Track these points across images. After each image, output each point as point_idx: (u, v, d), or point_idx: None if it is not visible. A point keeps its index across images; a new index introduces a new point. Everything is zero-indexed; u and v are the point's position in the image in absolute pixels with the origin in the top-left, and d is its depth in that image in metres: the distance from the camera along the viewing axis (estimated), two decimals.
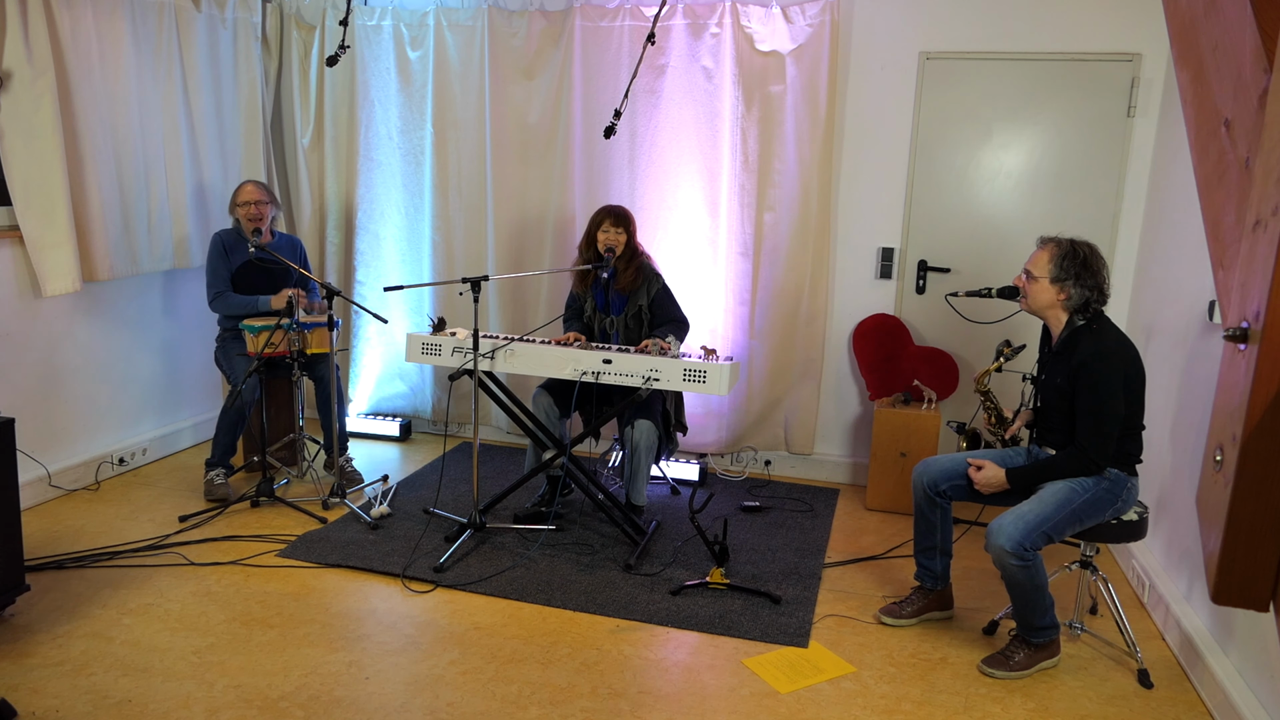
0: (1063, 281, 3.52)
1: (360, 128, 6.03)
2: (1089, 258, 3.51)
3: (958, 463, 3.86)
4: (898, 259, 5.45)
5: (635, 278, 4.85)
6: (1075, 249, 3.53)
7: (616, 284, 4.86)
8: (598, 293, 4.93)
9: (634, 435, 4.62)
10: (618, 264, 4.84)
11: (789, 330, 5.55)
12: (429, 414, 6.40)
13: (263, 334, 4.88)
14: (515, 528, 4.76)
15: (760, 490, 5.57)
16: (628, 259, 4.86)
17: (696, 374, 4.23)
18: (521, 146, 5.78)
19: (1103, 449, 3.48)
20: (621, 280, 4.84)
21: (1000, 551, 3.44)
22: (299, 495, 5.11)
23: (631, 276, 4.84)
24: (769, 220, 5.46)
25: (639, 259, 4.90)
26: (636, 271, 4.85)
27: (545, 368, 4.43)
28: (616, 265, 4.85)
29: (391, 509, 4.95)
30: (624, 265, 4.85)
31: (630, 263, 4.86)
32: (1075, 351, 3.52)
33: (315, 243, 6.20)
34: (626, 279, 4.84)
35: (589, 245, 4.90)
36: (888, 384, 5.44)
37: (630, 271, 4.84)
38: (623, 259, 4.85)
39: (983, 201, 5.29)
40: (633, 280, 4.84)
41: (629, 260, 4.86)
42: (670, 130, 5.51)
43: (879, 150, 5.38)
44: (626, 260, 4.85)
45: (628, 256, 4.86)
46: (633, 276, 4.84)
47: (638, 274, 4.85)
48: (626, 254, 4.86)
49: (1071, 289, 3.52)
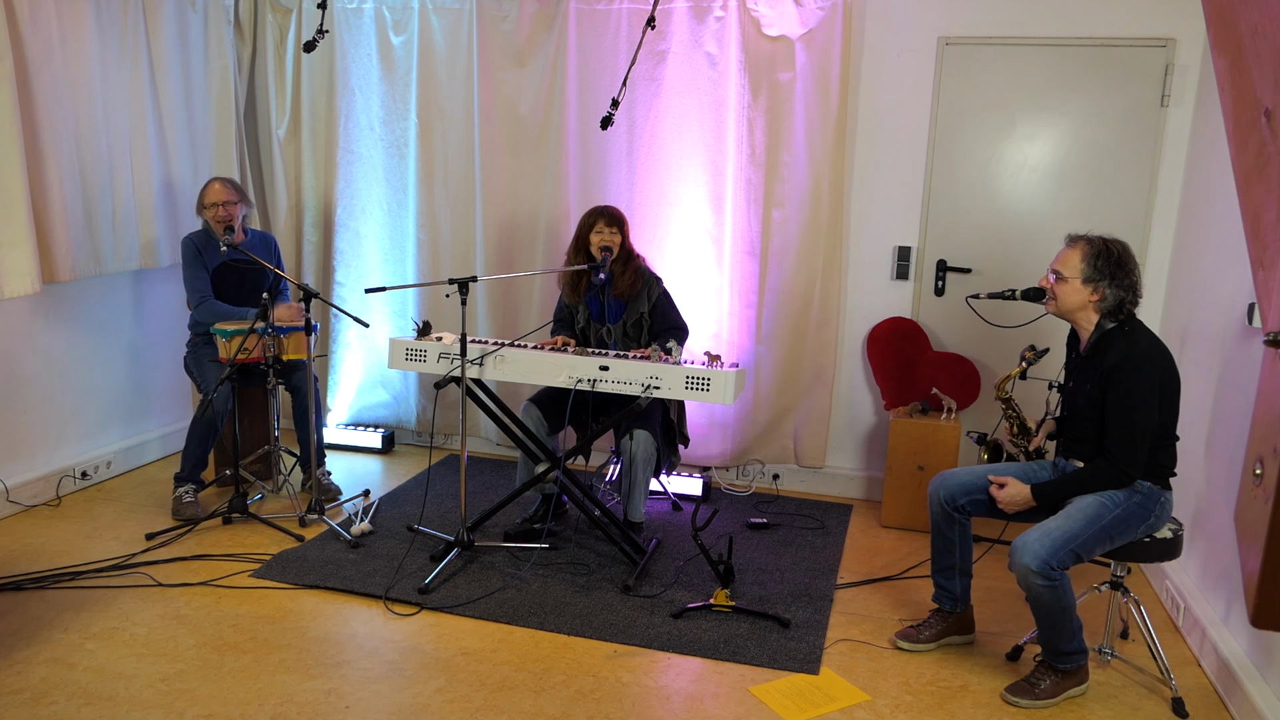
0: (1096, 282, 3.53)
1: (340, 118, 6.04)
2: (1122, 256, 3.52)
3: (978, 476, 3.86)
4: (915, 259, 5.47)
5: (634, 281, 4.85)
6: (1108, 247, 3.53)
7: (614, 289, 4.86)
8: (592, 300, 4.93)
9: (631, 447, 4.63)
10: (614, 267, 4.85)
11: (798, 335, 5.56)
12: (413, 424, 6.41)
13: (235, 339, 4.89)
14: (506, 546, 4.76)
15: (768, 506, 5.58)
16: (624, 261, 4.86)
17: (700, 382, 4.24)
18: (512, 138, 5.79)
19: (1134, 460, 3.49)
20: (620, 285, 4.85)
21: (1025, 571, 3.44)
22: (274, 511, 5.11)
23: (630, 280, 4.84)
24: (777, 217, 5.47)
25: (635, 261, 4.91)
26: (635, 275, 4.86)
27: (538, 375, 4.43)
28: (613, 269, 4.85)
29: (373, 526, 4.95)
30: (621, 268, 4.85)
31: (627, 265, 4.86)
32: (1106, 356, 3.52)
33: (292, 241, 6.21)
34: (625, 283, 4.84)
35: (579, 250, 4.90)
36: (904, 392, 5.45)
37: (629, 275, 4.84)
38: (619, 261, 4.85)
39: (1006, 197, 5.30)
40: (632, 284, 4.85)
41: (625, 263, 4.87)
42: (671, 121, 5.52)
43: (895, 142, 5.39)
44: (623, 263, 4.86)
45: (624, 259, 4.87)
46: (631, 280, 4.84)
47: (636, 277, 4.86)
48: (622, 256, 4.86)
49: (1106, 290, 3.52)
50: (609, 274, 4.85)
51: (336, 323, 6.31)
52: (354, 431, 6.34)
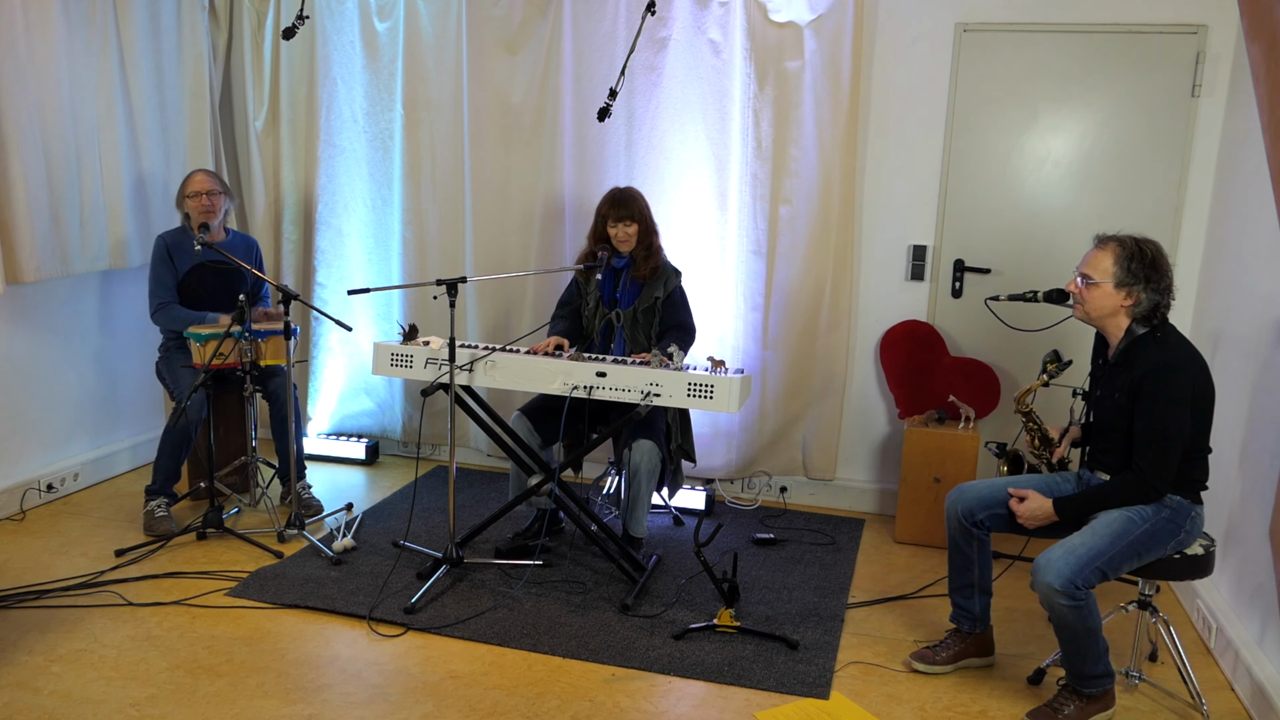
0: (1130, 286, 3.52)
1: (321, 109, 6.06)
2: (1156, 257, 3.52)
3: (997, 489, 3.87)
4: (931, 258, 5.49)
5: (656, 269, 4.91)
6: (1141, 248, 3.52)
7: (634, 271, 4.91)
8: (605, 282, 4.97)
9: (633, 458, 4.64)
10: (636, 253, 4.90)
11: (807, 339, 5.58)
12: (399, 434, 6.43)
13: (210, 343, 4.90)
14: (497, 563, 4.78)
15: (775, 521, 5.59)
16: (647, 246, 4.91)
17: (703, 389, 4.25)
18: (504, 130, 5.82)
19: (1163, 475, 3.50)
20: (641, 269, 4.90)
21: (1048, 590, 3.45)
22: (251, 526, 5.12)
23: (653, 265, 4.90)
24: (785, 214, 5.49)
25: (659, 251, 4.97)
26: (658, 262, 4.92)
27: (531, 381, 4.45)
28: (635, 254, 4.90)
29: (356, 542, 4.97)
30: (643, 254, 4.90)
31: (651, 252, 4.92)
32: (1137, 364, 3.53)
33: (270, 240, 6.23)
34: (647, 268, 4.89)
35: (598, 238, 4.96)
36: (919, 400, 5.46)
37: (652, 261, 4.91)
38: (641, 247, 4.90)
39: (1027, 193, 5.32)
40: (653, 270, 4.90)
41: (649, 248, 4.91)
42: (673, 112, 5.54)
43: (910, 135, 5.41)
44: (646, 248, 4.91)
45: (647, 244, 4.91)
46: (654, 265, 4.90)
47: (658, 266, 4.92)
48: (646, 240, 4.91)
49: (1141, 294, 3.52)
50: (630, 258, 4.90)
51: (317, 326, 6.32)
52: (336, 442, 6.36)
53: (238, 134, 6.29)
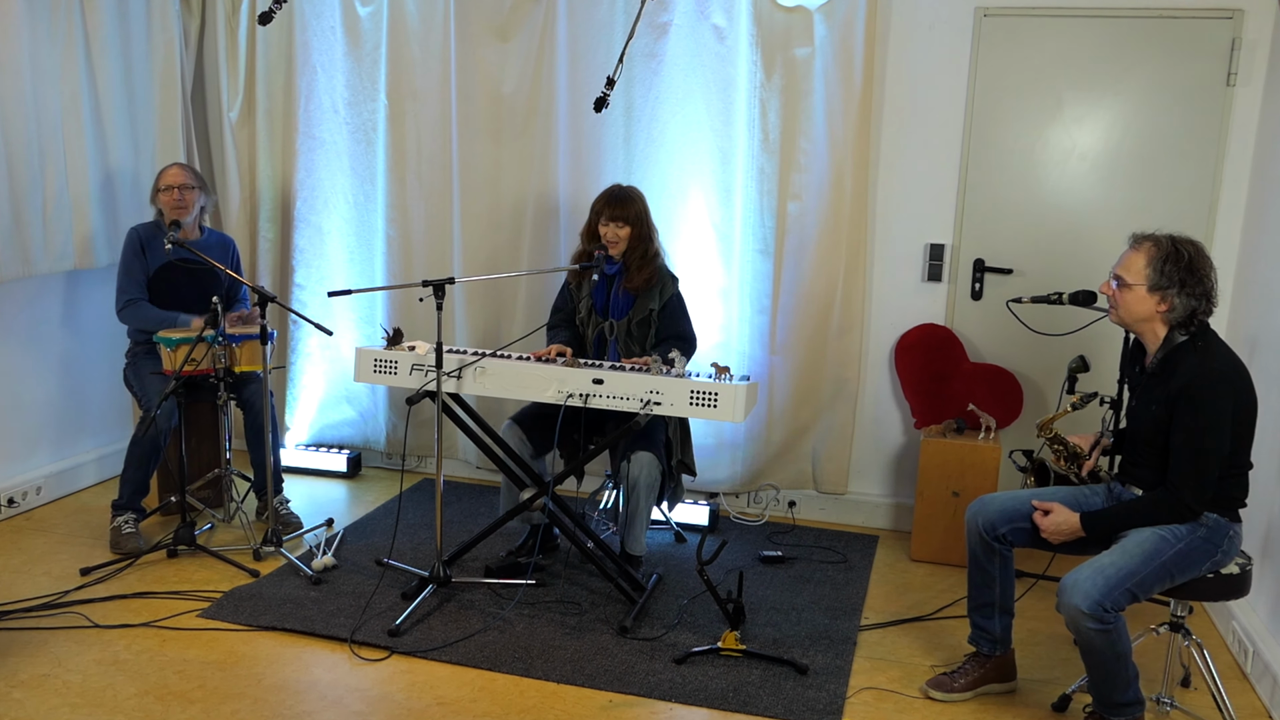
0: (1164, 290, 3.52)
1: (299, 99, 6.08)
2: (1195, 259, 3.50)
3: (1021, 502, 3.88)
4: (949, 258, 5.51)
5: (651, 276, 4.90)
6: (1178, 249, 3.51)
7: (627, 281, 4.91)
8: (597, 291, 4.98)
9: (632, 471, 4.65)
10: (629, 259, 4.89)
11: (818, 344, 5.60)
12: (382, 445, 6.44)
13: (181, 348, 4.91)
14: (487, 582, 4.79)
15: (783, 537, 5.61)
16: (642, 253, 4.90)
17: (706, 397, 4.26)
18: (494, 122, 5.84)
19: (1199, 494, 3.49)
20: (634, 278, 4.89)
21: (1075, 612, 3.45)
22: (225, 543, 5.14)
23: (648, 275, 4.89)
24: (793, 211, 5.51)
25: (655, 258, 4.95)
26: (652, 271, 4.90)
27: (523, 389, 4.46)
28: (628, 261, 4.90)
29: (337, 560, 4.98)
30: (638, 262, 4.89)
31: (647, 260, 4.91)
32: (1175, 375, 3.52)
33: (246, 238, 6.24)
34: (641, 277, 4.88)
35: (592, 237, 4.96)
36: (937, 409, 5.47)
37: (646, 271, 4.89)
38: (635, 254, 4.89)
39: (1052, 188, 5.34)
40: (647, 280, 4.89)
41: (644, 256, 4.90)
42: (674, 102, 5.56)
43: (927, 126, 5.43)
44: (641, 255, 4.90)
45: (642, 251, 4.90)
46: (649, 275, 4.89)
47: (654, 272, 4.91)
48: (640, 247, 4.90)
49: (1175, 298, 3.51)
50: (622, 264, 4.90)
51: (296, 330, 6.34)
52: (316, 453, 6.38)
53: (211, 126, 6.30)
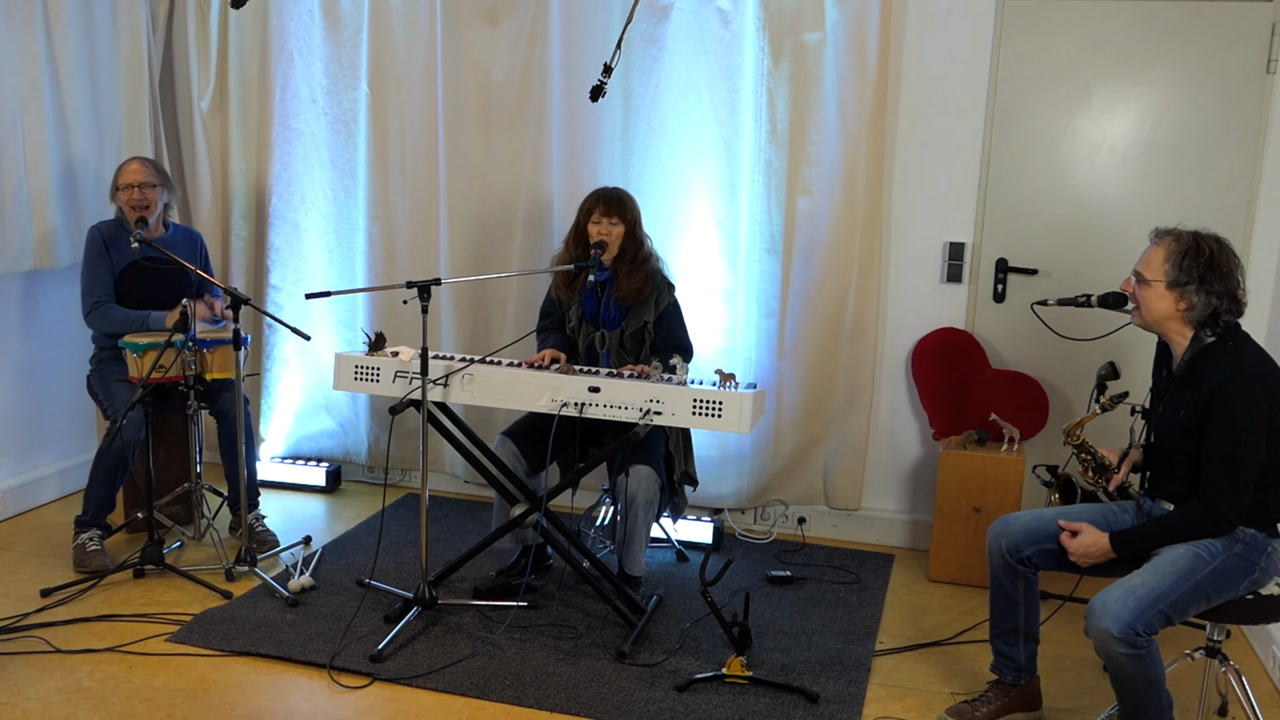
0: (1183, 286, 3.54)
1: (275, 88, 6.10)
2: (1216, 255, 3.52)
3: (1046, 521, 3.89)
4: (970, 257, 5.52)
5: (643, 285, 4.90)
6: (1199, 244, 3.54)
7: (616, 291, 4.91)
8: (589, 299, 4.98)
9: (629, 485, 4.65)
10: (619, 266, 4.90)
11: (829, 349, 5.61)
12: (364, 458, 6.46)
13: (149, 354, 4.92)
14: (476, 604, 4.80)
15: (792, 556, 5.62)
16: (632, 259, 4.90)
17: (709, 406, 4.27)
18: (483, 112, 5.85)
19: (1235, 502, 3.50)
20: (624, 287, 4.89)
21: (1105, 637, 3.44)
22: (196, 563, 5.15)
23: (638, 284, 4.89)
24: (804, 207, 5.53)
25: (648, 263, 4.95)
26: (645, 278, 4.90)
27: (514, 397, 4.48)
28: (617, 268, 4.90)
29: (315, 580, 5.00)
30: (627, 269, 4.90)
31: (636, 266, 4.90)
32: (1205, 377, 3.53)
33: (217, 236, 6.26)
34: (630, 287, 4.88)
35: (579, 240, 4.96)
36: (957, 419, 5.49)
37: (637, 277, 4.89)
38: (625, 260, 4.89)
39: (1080, 183, 5.36)
40: (639, 289, 4.89)
41: (634, 262, 4.91)
42: (675, 91, 5.57)
43: (946, 117, 5.44)
44: (630, 261, 4.90)
45: (631, 256, 4.90)
46: (639, 285, 4.89)
47: (646, 281, 4.90)
48: (630, 252, 4.90)
49: (1194, 296, 3.53)
50: (612, 271, 4.91)
51: (271, 335, 6.36)
52: (292, 466, 6.40)
53: (180, 116, 6.32)
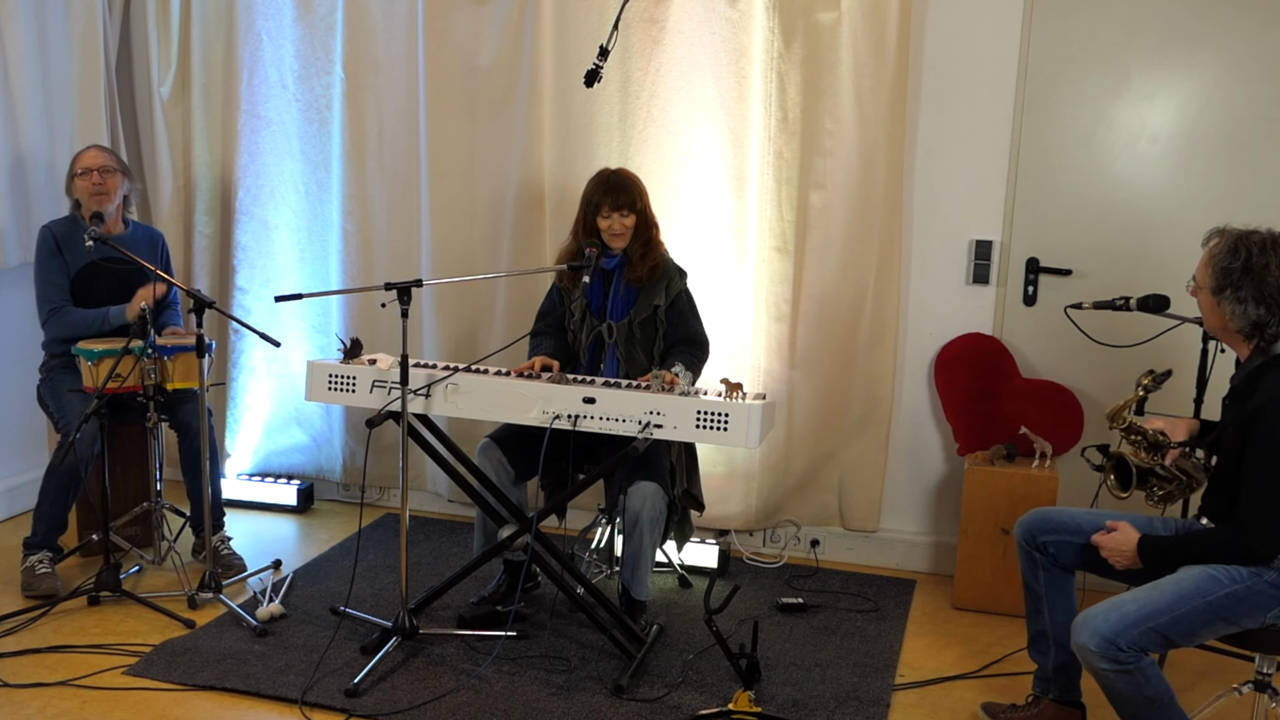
0: (1220, 294, 3.56)
1: (242, 72, 6.12)
2: (1254, 259, 3.49)
3: (1073, 515, 3.91)
4: (998, 256, 5.54)
5: (655, 268, 4.95)
6: (1237, 245, 3.53)
7: (630, 273, 4.96)
8: (594, 289, 5.01)
9: (632, 504, 4.65)
10: (632, 251, 4.96)
11: (845, 357, 5.62)
12: (338, 475, 6.47)
13: (105, 361, 4.93)
14: (460, 634, 4.82)
15: (804, 582, 5.63)
16: (644, 240, 4.96)
17: (715, 418, 4.27)
18: (469, 98, 5.87)
19: (1267, 534, 3.50)
20: (637, 269, 4.95)
21: (1083, 651, 3.50)
22: (156, 589, 5.16)
23: (651, 265, 4.95)
24: (817, 202, 5.54)
25: (658, 247, 5.01)
26: (657, 260, 4.96)
27: (503, 409, 4.49)
28: (630, 253, 4.96)
29: (286, 608, 5.01)
30: (640, 250, 4.95)
31: (649, 249, 4.97)
32: (1253, 395, 3.55)
33: (179, 234, 6.28)
34: (644, 268, 4.94)
35: (588, 233, 4.99)
36: (984, 432, 5.50)
37: (650, 259, 4.95)
38: (637, 245, 4.95)
39: (1118, 175, 5.37)
40: (651, 270, 4.95)
41: (647, 243, 4.97)
42: (677, 76, 5.58)
43: (972, 103, 5.45)
44: (644, 244, 4.96)
45: (644, 236, 4.96)
46: (652, 264, 4.95)
47: (657, 264, 4.96)
48: (644, 234, 4.96)
49: (1229, 305, 3.54)
50: (623, 256, 4.95)
51: (238, 341, 6.37)
52: (261, 484, 6.41)
53: (139, 103, 6.34)
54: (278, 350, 5.73)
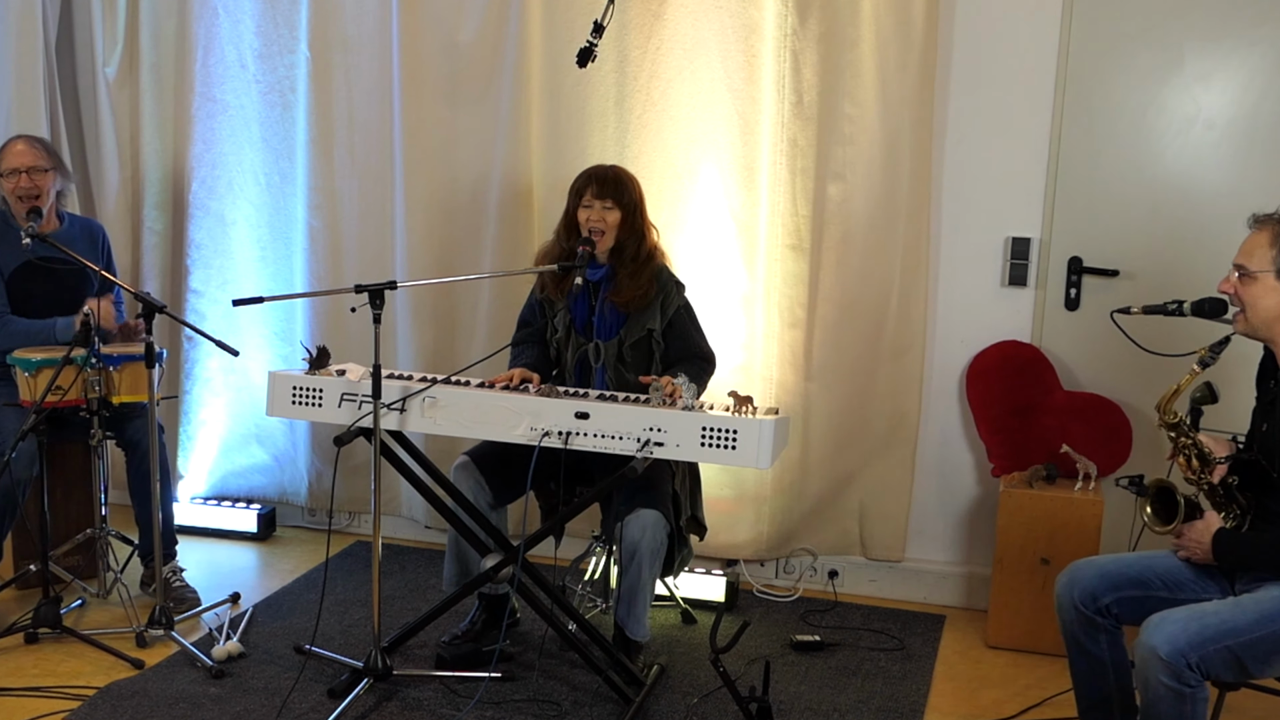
0: None
1: (196, 50, 6.13)
2: None
3: (1126, 565, 3.89)
4: (1037, 255, 5.54)
5: (647, 287, 4.87)
6: None
7: (613, 294, 4.90)
8: (580, 302, 4.98)
9: (629, 532, 4.64)
10: (616, 264, 4.91)
11: (867, 367, 5.63)
12: (303, 498, 6.48)
13: (44, 371, 4.93)
14: (439, 675, 4.82)
15: (822, 617, 5.63)
16: (633, 256, 4.89)
17: (722, 435, 4.26)
18: (449, 80, 5.88)
19: None
20: (623, 290, 4.87)
21: (1150, 656, 3.46)
22: (101, 625, 5.15)
23: (641, 289, 4.86)
24: (835, 195, 5.54)
25: (653, 260, 4.95)
26: (649, 280, 4.88)
27: (485, 425, 4.48)
28: (615, 266, 4.92)
29: (245, 646, 5.01)
30: (627, 268, 4.88)
31: (639, 265, 4.89)
32: None
33: (126, 230, 6.30)
34: (631, 291, 4.86)
35: (571, 230, 4.96)
36: (1021, 451, 5.50)
37: (640, 279, 4.86)
38: (626, 256, 4.89)
39: (1170, 166, 5.37)
40: (643, 292, 4.87)
41: (635, 259, 4.89)
42: (680, 54, 5.59)
43: (1008, 85, 5.46)
44: (632, 259, 4.89)
45: (632, 252, 4.90)
46: (642, 289, 4.86)
47: (651, 281, 4.88)
48: (630, 247, 4.90)
49: None
50: (609, 269, 4.91)
51: (191, 350, 6.38)
52: (217, 508, 6.42)
53: (82, 85, 6.34)
54: (236, 360, 5.76)
